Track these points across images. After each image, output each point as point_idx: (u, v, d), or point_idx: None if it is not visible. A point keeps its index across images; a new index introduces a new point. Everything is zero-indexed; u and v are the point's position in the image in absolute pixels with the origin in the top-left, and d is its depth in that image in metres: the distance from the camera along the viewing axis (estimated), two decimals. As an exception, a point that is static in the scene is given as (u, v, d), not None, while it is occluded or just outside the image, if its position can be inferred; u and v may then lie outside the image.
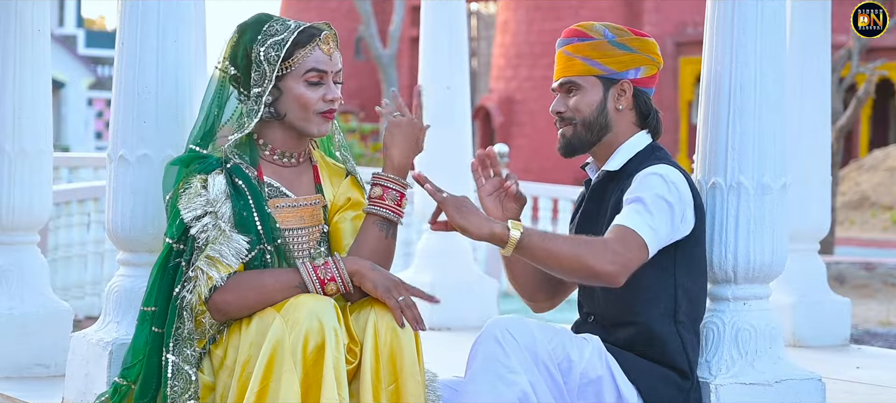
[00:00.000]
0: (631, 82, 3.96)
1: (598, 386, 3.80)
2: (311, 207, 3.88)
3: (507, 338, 3.70)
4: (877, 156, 25.96)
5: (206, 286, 3.67)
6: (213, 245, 3.67)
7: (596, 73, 3.95)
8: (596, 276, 3.73)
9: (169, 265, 3.74)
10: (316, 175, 3.93)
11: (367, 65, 36.12)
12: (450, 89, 6.93)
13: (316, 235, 3.88)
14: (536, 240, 3.73)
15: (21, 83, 5.32)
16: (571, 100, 3.97)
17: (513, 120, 31.49)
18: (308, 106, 3.79)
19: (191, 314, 3.70)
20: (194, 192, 3.71)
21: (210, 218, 3.69)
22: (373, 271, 3.73)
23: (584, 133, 3.96)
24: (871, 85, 15.64)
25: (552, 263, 3.75)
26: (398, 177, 3.88)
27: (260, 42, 3.78)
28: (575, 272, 3.75)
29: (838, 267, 13.47)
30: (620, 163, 3.94)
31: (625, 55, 3.94)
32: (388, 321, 3.71)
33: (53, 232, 10.54)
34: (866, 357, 6.21)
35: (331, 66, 3.82)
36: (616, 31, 3.96)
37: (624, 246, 3.73)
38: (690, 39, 30.34)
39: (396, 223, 3.86)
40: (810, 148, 6.32)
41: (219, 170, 3.75)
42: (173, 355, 3.68)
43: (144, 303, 3.79)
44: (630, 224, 3.76)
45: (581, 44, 3.96)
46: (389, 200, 3.85)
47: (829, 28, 6.43)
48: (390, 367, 3.69)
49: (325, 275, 3.71)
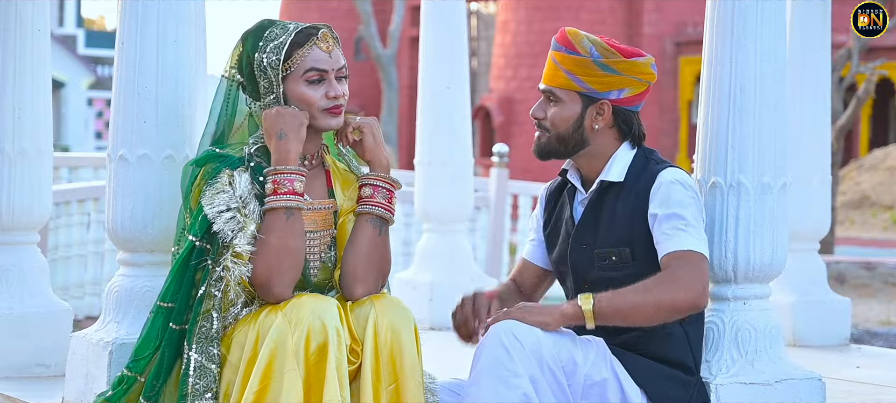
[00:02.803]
0: (610, 103, 3.93)
1: (603, 388, 3.81)
2: (324, 212, 3.89)
3: (512, 341, 3.70)
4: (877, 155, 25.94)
5: (236, 282, 3.69)
6: (238, 239, 3.69)
7: (576, 89, 3.94)
8: (680, 311, 3.80)
9: (191, 262, 3.75)
10: (328, 179, 3.95)
11: (367, 65, 36.10)
12: (450, 89, 6.92)
13: (327, 239, 3.89)
14: (608, 301, 3.77)
15: (21, 83, 5.32)
16: (550, 110, 3.97)
17: (513, 120, 31.46)
18: (311, 104, 3.81)
19: (220, 313, 3.71)
20: (220, 187, 3.73)
21: (233, 213, 3.70)
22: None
23: (557, 145, 3.97)
24: (871, 85, 15.62)
25: (635, 317, 3.79)
26: (387, 176, 3.89)
27: (261, 49, 3.80)
28: (658, 317, 3.80)
29: (838, 267, 13.46)
30: (621, 174, 3.94)
31: (608, 76, 3.91)
32: (389, 320, 3.72)
33: (53, 232, 10.54)
34: (866, 357, 6.21)
35: (331, 63, 3.82)
36: (604, 50, 3.91)
37: (691, 269, 3.78)
38: (690, 39, 30.30)
39: (389, 221, 3.87)
40: (810, 148, 6.32)
41: (243, 168, 3.77)
42: (196, 352, 3.70)
43: (161, 298, 3.80)
44: (686, 246, 3.80)
45: (567, 56, 3.93)
46: (380, 198, 3.86)
47: (829, 28, 6.43)
48: (390, 367, 3.70)
49: (283, 189, 3.73)
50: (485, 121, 32.55)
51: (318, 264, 3.86)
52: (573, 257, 3.99)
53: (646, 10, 31.31)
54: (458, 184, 7.02)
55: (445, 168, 6.96)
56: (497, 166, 12.32)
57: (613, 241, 3.91)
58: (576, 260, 3.98)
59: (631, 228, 3.89)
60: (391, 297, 3.83)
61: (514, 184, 12.76)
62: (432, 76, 6.96)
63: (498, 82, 32.26)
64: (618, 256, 3.90)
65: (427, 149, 7.01)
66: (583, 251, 3.97)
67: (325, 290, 3.88)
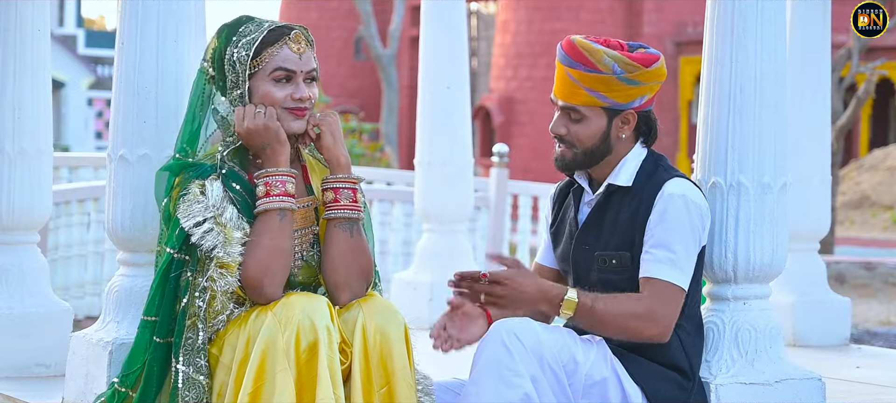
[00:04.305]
0: (635, 111, 3.94)
1: (603, 388, 3.81)
2: (304, 209, 3.86)
3: (513, 341, 3.70)
4: (877, 155, 25.93)
5: (223, 294, 3.68)
6: (219, 249, 3.67)
7: (600, 105, 3.92)
8: (640, 340, 3.84)
9: (170, 275, 3.73)
10: (306, 175, 3.92)
11: (367, 65, 36.09)
12: (450, 89, 6.92)
13: (309, 237, 3.87)
14: (589, 305, 3.82)
15: (21, 83, 5.32)
16: (574, 127, 3.94)
17: (513, 120, 31.43)
18: (274, 103, 3.77)
19: (205, 324, 3.69)
20: (193, 198, 3.70)
21: (210, 224, 3.69)
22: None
23: (584, 159, 3.96)
24: (871, 85, 15.62)
25: (599, 329, 3.83)
26: (346, 175, 3.84)
27: (234, 43, 3.79)
28: (617, 336, 3.84)
29: (838, 267, 13.46)
30: (629, 179, 3.93)
31: (632, 89, 3.90)
32: (377, 323, 3.70)
33: (53, 232, 10.52)
34: (866, 357, 6.22)
35: (300, 65, 3.79)
36: (626, 65, 3.87)
37: (664, 306, 3.82)
38: (690, 39, 30.27)
39: (358, 220, 3.83)
40: (810, 148, 6.32)
41: (215, 176, 3.75)
42: (183, 365, 3.68)
43: (145, 313, 3.79)
44: (665, 276, 3.82)
45: (588, 74, 3.89)
46: (344, 200, 3.82)
47: (829, 28, 6.43)
48: (382, 370, 3.68)
49: (275, 190, 3.72)
50: (485, 121, 32.54)
51: (299, 263, 3.84)
52: (575, 257, 3.99)
53: (646, 10, 31.29)
54: (458, 184, 7.02)
55: (445, 168, 6.97)
56: (497, 166, 12.31)
57: (615, 245, 3.91)
58: (577, 260, 3.98)
59: (632, 234, 3.89)
60: (380, 299, 3.80)
61: (514, 184, 12.75)
62: (432, 76, 6.97)
63: (498, 82, 32.24)
64: (618, 260, 3.90)
65: (427, 149, 7.01)
66: (584, 252, 3.97)
67: (312, 290, 3.86)
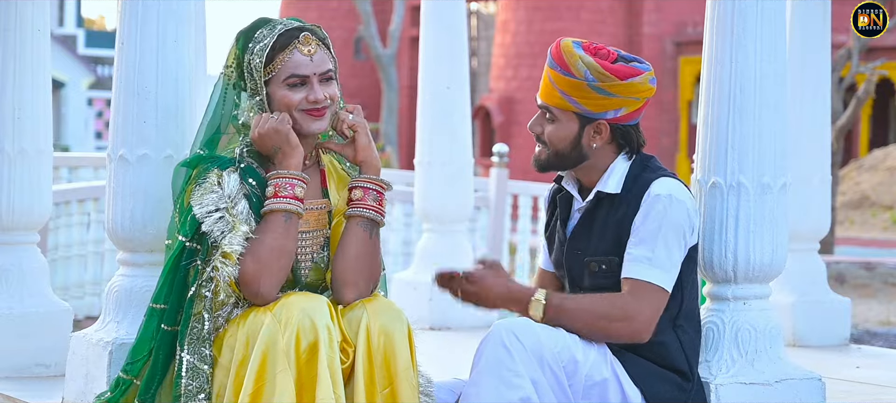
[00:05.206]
0: (608, 122, 3.92)
1: (603, 388, 3.81)
2: (318, 212, 3.88)
3: (513, 342, 3.70)
4: (877, 155, 25.93)
5: (226, 283, 3.68)
6: (224, 238, 3.68)
7: (572, 109, 3.91)
8: (617, 340, 3.83)
9: (181, 263, 3.74)
10: (323, 179, 3.93)
11: (367, 65, 36.10)
12: (450, 89, 6.92)
13: (320, 239, 3.88)
14: (558, 304, 3.83)
15: (21, 83, 5.32)
16: (547, 128, 3.96)
17: (513, 120, 31.44)
18: (291, 107, 3.80)
19: (211, 314, 3.71)
20: (208, 187, 3.72)
21: (221, 213, 3.70)
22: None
23: (556, 161, 3.97)
24: (871, 85, 15.62)
25: (573, 329, 3.82)
26: (378, 178, 3.86)
27: (250, 50, 3.82)
28: (594, 338, 3.83)
29: (838, 267, 13.47)
30: (617, 186, 3.92)
31: (603, 99, 3.88)
32: (381, 323, 3.70)
33: (53, 232, 10.52)
34: (866, 357, 6.22)
35: (312, 68, 3.81)
36: (598, 74, 3.86)
37: (641, 305, 3.81)
38: (690, 39, 30.29)
39: (379, 223, 3.85)
40: (810, 148, 6.32)
41: (233, 168, 3.76)
42: (188, 354, 3.69)
43: (154, 300, 3.80)
44: (645, 276, 3.81)
45: (562, 76, 3.90)
46: (370, 200, 3.83)
47: (829, 28, 6.43)
48: (385, 371, 3.69)
49: (283, 192, 3.73)
50: (485, 121, 32.54)
51: (309, 264, 3.85)
52: (568, 263, 4.00)
53: (646, 10, 31.30)
54: (458, 184, 7.02)
55: (445, 168, 6.96)
56: (497, 166, 12.31)
57: (604, 250, 3.91)
58: (571, 266, 3.99)
59: (620, 238, 3.89)
60: (383, 299, 3.81)
61: (514, 184, 12.75)
62: (432, 76, 6.96)
63: (498, 82, 32.25)
64: (607, 265, 3.90)
65: (427, 149, 7.01)
66: (576, 257, 3.97)
67: (318, 291, 3.86)
